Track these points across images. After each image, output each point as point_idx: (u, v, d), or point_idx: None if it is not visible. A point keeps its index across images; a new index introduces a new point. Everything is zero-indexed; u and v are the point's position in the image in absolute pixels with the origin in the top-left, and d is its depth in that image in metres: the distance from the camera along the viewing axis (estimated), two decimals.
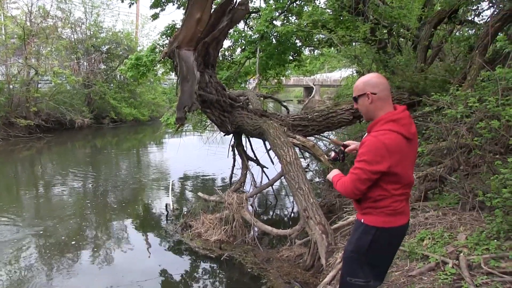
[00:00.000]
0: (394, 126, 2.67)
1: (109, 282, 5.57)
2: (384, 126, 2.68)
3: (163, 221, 8.12)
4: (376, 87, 2.76)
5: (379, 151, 2.61)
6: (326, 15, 11.62)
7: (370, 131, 2.78)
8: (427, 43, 9.05)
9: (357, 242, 2.87)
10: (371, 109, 2.80)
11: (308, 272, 5.44)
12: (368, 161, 2.64)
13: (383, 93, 2.76)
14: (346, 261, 2.97)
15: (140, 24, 32.67)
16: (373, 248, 2.82)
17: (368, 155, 2.64)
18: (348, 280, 2.93)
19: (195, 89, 6.76)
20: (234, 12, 6.95)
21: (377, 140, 2.64)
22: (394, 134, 2.65)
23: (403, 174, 2.72)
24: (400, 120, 2.71)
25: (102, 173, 13.27)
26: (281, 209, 9.04)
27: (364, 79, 2.86)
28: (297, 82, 50.92)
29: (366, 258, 2.85)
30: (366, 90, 2.77)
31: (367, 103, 2.79)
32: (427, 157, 5.80)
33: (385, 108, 2.77)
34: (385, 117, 2.72)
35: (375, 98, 2.76)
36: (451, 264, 3.97)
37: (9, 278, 5.64)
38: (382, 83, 2.79)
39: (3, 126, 19.42)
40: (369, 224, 2.81)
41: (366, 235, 2.82)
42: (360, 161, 2.68)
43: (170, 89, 26.36)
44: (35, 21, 22.25)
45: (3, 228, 7.57)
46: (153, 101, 29.49)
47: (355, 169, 2.70)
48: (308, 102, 14.93)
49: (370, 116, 2.85)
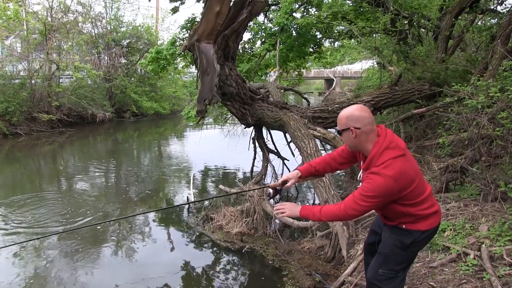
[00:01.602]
0: (391, 153, 2.67)
1: (132, 275, 5.66)
2: (382, 158, 2.67)
3: (184, 214, 8.20)
4: (359, 121, 2.74)
5: (386, 187, 2.63)
6: (346, 7, 11.58)
7: (369, 167, 2.73)
8: (448, 33, 8.96)
9: (399, 239, 2.88)
10: (356, 143, 2.80)
11: (329, 264, 5.47)
12: (377, 196, 2.65)
13: (367, 127, 2.74)
14: (385, 253, 2.97)
15: (160, 18, 32.86)
16: (415, 245, 2.90)
17: (377, 191, 2.64)
18: (380, 272, 2.97)
19: (215, 82, 6.79)
20: (253, 5, 6.95)
21: (381, 176, 2.62)
22: (395, 161, 2.65)
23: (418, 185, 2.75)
24: (391, 143, 2.71)
25: (124, 166, 13.44)
26: (302, 201, 9.04)
27: (346, 113, 2.80)
28: (317, 74, 50.70)
29: (406, 253, 2.91)
30: (349, 125, 2.75)
31: (352, 138, 2.78)
32: (448, 148, 5.77)
33: (370, 139, 2.75)
34: (378, 148, 2.71)
35: (359, 132, 2.74)
36: (472, 255, 3.97)
37: (33, 271, 5.76)
38: (365, 117, 2.75)
39: (25, 121, 19.72)
40: (412, 229, 2.84)
41: (409, 235, 2.85)
42: (368, 196, 2.66)
43: (190, 82, 26.52)
44: (56, 16, 22.55)
45: (27, 222, 7.74)
46: (174, 95, 29.63)
47: (362, 201, 2.68)
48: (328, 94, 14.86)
49: (357, 148, 2.88)
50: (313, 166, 3.27)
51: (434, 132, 7.58)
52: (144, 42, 28.09)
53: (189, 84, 27.81)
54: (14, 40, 23.41)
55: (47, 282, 5.51)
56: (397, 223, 2.88)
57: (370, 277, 3.07)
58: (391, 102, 8.47)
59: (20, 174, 12.38)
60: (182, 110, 15.85)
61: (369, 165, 2.73)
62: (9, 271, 5.77)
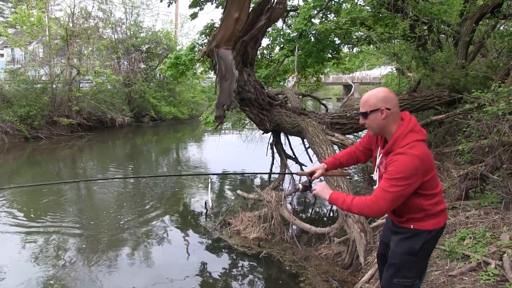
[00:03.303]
0: (416, 135, 2.70)
1: (149, 278, 5.71)
2: (406, 139, 2.68)
3: (202, 218, 8.24)
4: (389, 102, 2.75)
5: (414, 166, 2.60)
6: (365, 12, 11.53)
7: (393, 149, 2.72)
8: (469, 39, 8.86)
9: (408, 245, 2.86)
10: (383, 125, 2.78)
11: (346, 270, 5.44)
12: (406, 177, 2.60)
13: (395, 108, 2.76)
14: (396, 263, 2.93)
15: (179, 23, 33.09)
16: (424, 249, 2.86)
17: (405, 172, 2.59)
18: (395, 281, 2.92)
19: (233, 87, 6.84)
20: (272, 11, 6.99)
21: (408, 156, 2.61)
22: (419, 143, 2.67)
23: (435, 175, 2.76)
24: (416, 127, 2.74)
25: (142, 170, 13.56)
26: (319, 208, 9.02)
27: (374, 94, 2.80)
28: (336, 80, 50.55)
29: (417, 259, 2.87)
30: (379, 105, 2.74)
31: (380, 119, 2.76)
32: (468, 155, 5.71)
33: (395, 120, 2.77)
34: (402, 130, 2.72)
35: (388, 113, 2.73)
36: (493, 264, 3.91)
37: (51, 273, 5.84)
38: (393, 97, 2.79)
39: (46, 125, 20.06)
40: (419, 228, 2.82)
41: (417, 238, 2.83)
42: (398, 179, 2.61)
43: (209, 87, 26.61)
44: (77, 22, 22.87)
45: (45, 225, 7.87)
46: (192, 100, 29.82)
47: (391, 187, 2.63)
48: (347, 100, 14.82)
49: (382, 131, 2.84)
50: (337, 158, 3.34)
51: (453, 139, 7.51)
52: (163, 47, 28.33)
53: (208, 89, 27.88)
54: (37, 46, 23.87)
55: (66, 283, 5.59)
56: (405, 219, 2.86)
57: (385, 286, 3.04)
58: (410, 109, 8.39)
59: (40, 177, 12.58)
60: (200, 115, 15.93)
61: (393, 146, 2.72)
62: (29, 271, 5.88)
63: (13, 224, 7.95)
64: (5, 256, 6.44)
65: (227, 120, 11.53)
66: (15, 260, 6.30)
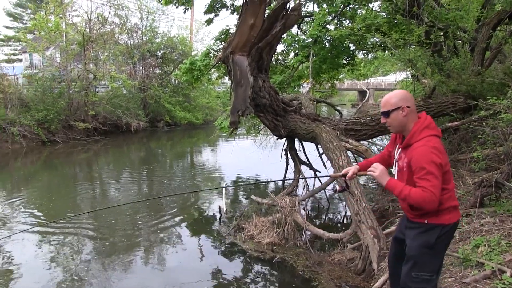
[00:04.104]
0: (431, 131, 2.95)
1: (163, 282, 5.75)
2: (423, 134, 2.93)
3: (216, 223, 8.28)
4: (409, 101, 3.02)
5: (436, 156, 2.81)
6: (380, 19, 11.50)
7: (410, 143, 2.97)
8: (485, 45, 8.79)
9: (423, 239, 3.01)
10: (403, 122, 3.03)
11: (359, 276, 5.43)
12: (436, 165, 2.80)
13: (414, 106, 3.04)
14: (413, 255, 3.06)
15: (195, 29, 33.28)
16: (439, 243, 3.00)
17: (431, 162, 2.80)
18: (414, 275, 3.05)
19: (248, 93, 6.88)
20: (287, 18, 7.03)
21: (428, 147, 2.84)
22: (434, 138, 2.92)
23: (450, 171, 2.97)
24: (431, 124, 2.97)
25: (157, 175, 13.65)
26: (333, 213, 9.01)
27: (395, 94, 3.10)
28: (350, 86, 50.43)
29: (433, 252, 3.01)
30: (400, 104, 3.00)
31: (401, 117, 3.01)
32: (483, 162, 5.67)
33: (414, 118, 3.03)
34: (419, 126, 2.97)
35: (409, 111, 3.00)
36: (509, 273, 3.88)
37: (66, 277, 5.90)
38: (412, 97, 3.10)
39: (63, 129, 20.41)
40: (433, 223, 2.97)
41: (432, 232, 2.98)
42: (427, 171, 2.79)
43: (224, 93, 26.78)
44: (93, 28, 23.28)
45: (61, 228, 7.95)
46: (207, 105, 30.01)
47: (429, 180, 2.79)
48: (361, 106, 14.81)
49: (401, 128, 3.08)
50: (370, 161, 3.47)
51: (468, 146, 7.45)
52: (179, 53, 28.57)
53: (222, 95, 28.09)
54: (54, 51, 24.22)
55: (81, 284, 5.66)
56: (420, 213, 3.00)
57: (405, 280, 3.13)
58: None
59: (57, 181, 12.75)
60: (215, 120, 16.01)
61: (410, 140, 2.97)
62: (45, 271, 6.00)
63: (31, 224, 8.11)
64: (23, 256, 6.57)
65: (242, 125, 11.58)
66: (32, 260, 6.42)
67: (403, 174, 3.04)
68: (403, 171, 3.03)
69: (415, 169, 2.86)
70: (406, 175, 2.99)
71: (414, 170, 2.87)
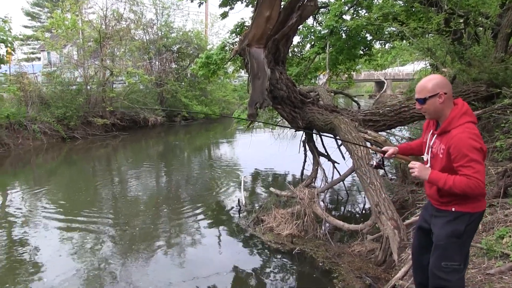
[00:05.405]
0: (469, 118, 2.88)
1: (183, 275, 5.79)
2: (461, 120, 2.88)
3: (235, 215, 8.30)
4: (445, 87, 2.94)
5: (476, 142, 2.79)
6: (397, 7, 11.33)
7: (448, 129, 2.92)
8: (510, 30, 8.55)
9: (452, 227, 2.96)
10: (440, 109, 2.96)
11: (379, 267, 5.42)
12: (478, 150, 2.78)
13: (450, 92, 2.96)
14: (441, 245, 3.02)
15: (210, 23, 33.18)
16: (468, 232, 2.97)
17: (473, 148, 2.77)
18: (443, 265, 3.00)
19: (266, 86, 6.84)
20: (303, 9, 6.96)
21: (468, 133, 2.80)
22: (472, 124, 2.87)
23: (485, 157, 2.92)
24: (468, 110, 2.91)
25: (175, 169, 13.74)
26: (352, 205, 8.97)
27: (431, 80, 2.99)
28: (368, 77, 49.95)
29: (462, 241, 2.97)
30: (437, 90, 2.92)
31: (438, 103, 2.94)
32: (506, 151, 5.56)
33: (450, 104, 2.97)
34: (457, 112, 2.90)
35: (446, 97, 2.93)
36: None
37: (87, 270, 5.97)
38: (448, 82, 3.01)
39: (81, 125, 20.65)
40: (461, 211, 2.93)
41: (460, 220, 2.94)
42: (469, 158, 2.77)
43: (240, 86, 26.73)
44: (109, 24, 23.45)
45: (81, 222, 8.06)
46: (224, 99, 30.00)
47: (472, 167, 2.75)
48: (379, 96, 14.61)
49: (438, 115, 3.01)
50: (409, 145, 3.53)
51: (491, 135, 7.31)
52: (194, 47, 28.58)
53: (239, 88, 28.04)
54: (71, 48, 24.48)
55: (101, 278, 5.73)
56: (447, 201, 2.97)
57: (434, 270, 3.07)
58: None
59: (77, 176, 12.91)
60: (232, 113, 15.99)
61: (448, 126, 2.92)
62: (65, 267, 6.06)
63: (53, 219, 8.24)
64: (46, 251, 6.69)
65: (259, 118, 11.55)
66: (54, 255, 6.52)
67: (438, 160, 3.00)
68: (439, 157, 2.99)
69: (456, 156, 2.82)
70: (443, 161, 2.94)
71: (454, 157, 2.83)
